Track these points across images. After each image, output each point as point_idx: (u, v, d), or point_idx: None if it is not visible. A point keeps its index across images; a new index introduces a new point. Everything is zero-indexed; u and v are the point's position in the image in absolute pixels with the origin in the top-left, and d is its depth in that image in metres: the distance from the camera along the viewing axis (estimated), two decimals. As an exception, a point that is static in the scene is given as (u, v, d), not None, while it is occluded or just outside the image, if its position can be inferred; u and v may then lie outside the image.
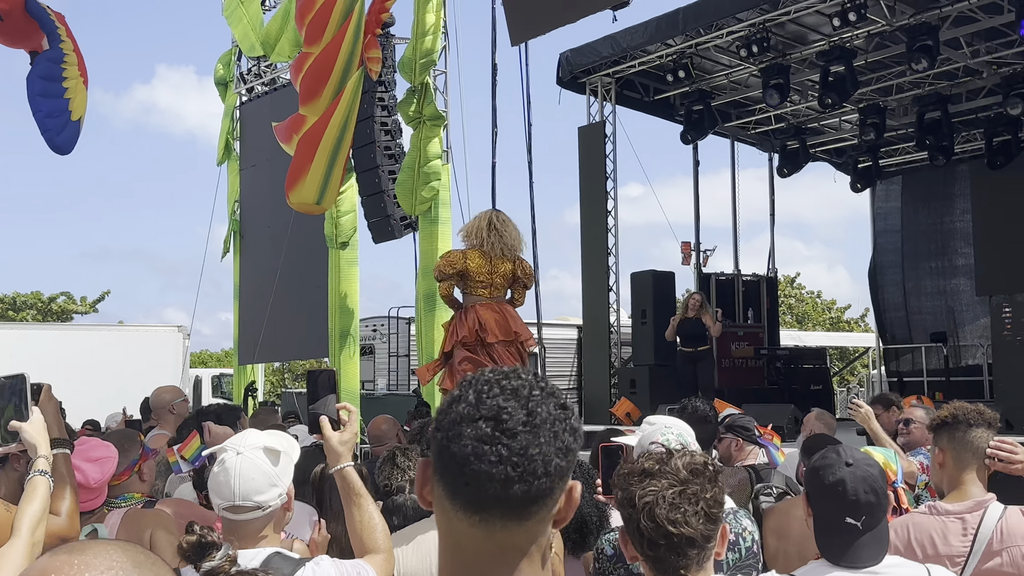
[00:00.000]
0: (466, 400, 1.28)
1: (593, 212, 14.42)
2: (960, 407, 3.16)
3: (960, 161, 16.94)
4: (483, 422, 1.25)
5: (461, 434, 1.25)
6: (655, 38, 13.63)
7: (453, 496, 1.26)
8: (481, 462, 1.23)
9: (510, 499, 1.24)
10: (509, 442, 1.24)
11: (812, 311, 43.31)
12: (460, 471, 1.24)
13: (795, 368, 15.94)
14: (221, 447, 2.49)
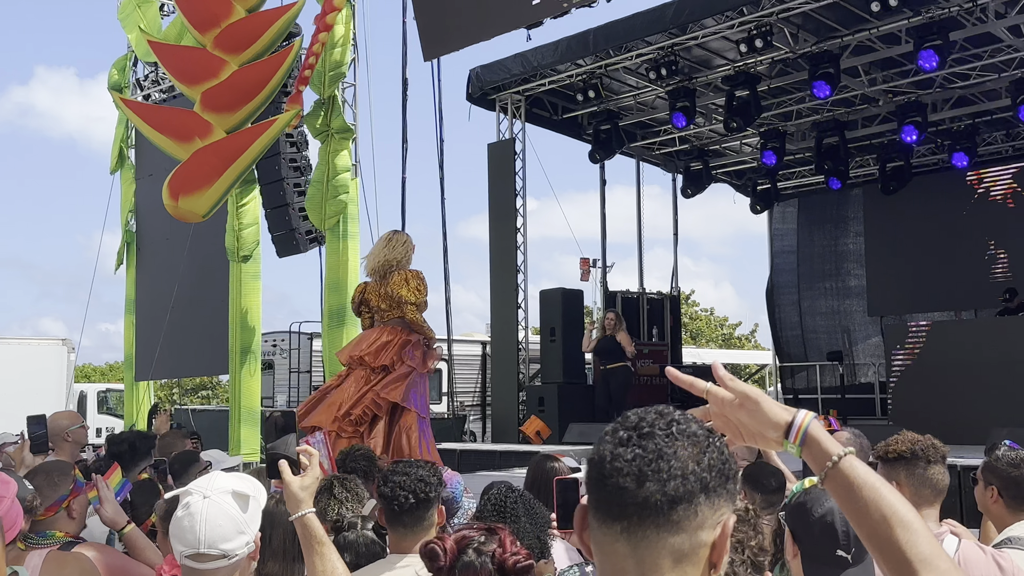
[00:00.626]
0: (616, 422, 1.34)
1: (502, 229, 14.39)
2: (916, 441, 3.13)
3: (854, 185, 17.53)
4: (623, 431, 1.30)
5: (603, 443, 1.30)
6: (565, 58, 13.71)
7: (596, 508, 1.29)
8: (616, 461, 1.27)
9: (646, 500, 1.25)
10: (644, 443, 1.28)
11: (706, 328, 44.28)
12: (599, 477, 1.28)
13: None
14: (186, 490, 2.30)
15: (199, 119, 10.18)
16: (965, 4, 11.29)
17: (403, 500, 2.88)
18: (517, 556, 2.03)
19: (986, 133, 15.73)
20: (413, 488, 2.90)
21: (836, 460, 1.51)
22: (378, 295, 7.17)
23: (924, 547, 1.45)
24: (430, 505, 2.94)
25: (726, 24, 12.46)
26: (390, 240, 7.31)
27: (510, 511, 3.32)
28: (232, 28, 10.14)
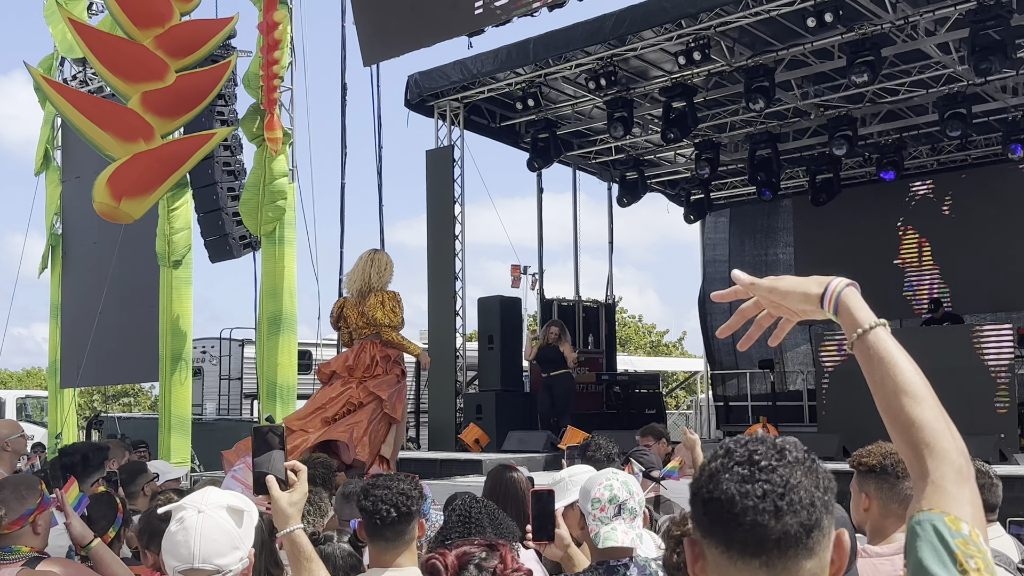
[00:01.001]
0: (718, 458, 1.33)
1: (440, 236, 14.35)
2: (887, 454, 3.16)
3: (785, 196, 17.87)
4: (738, 467, 1.30)
5: (720, 483, 1.29)
6: (505, 66, 13.74)
7: (729, 547, 1.28)
8: (747, 499, 1.27)
9: (786, 533, 1.27)
10: (769, 476, 1.28)
11: (634, 335, 44.70)
12: (731, 516, 1.27)
13: (631, 393, 16.35)
14: (179, 504, 2.24)
15: (142, 121, 9.98)
16: (897, 21, 11.61)
17: (385, 514, 2.84)
18: (518, 573, 2.01)
19: (913, 147, 16.19)
20: (395, 502, 2.87)
21: (863, 331, 1.61)
22: (357, 312, 7.44)
23: (929, 418, 1.55)
24: (412, 519, 2.91)
25: (664, 36, 12.62)
26: (372, 261, 7.53)
27: (475, 521, 3.31)
28: (176, 31, 9.98)
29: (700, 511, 1.32)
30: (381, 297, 7.43)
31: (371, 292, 7.43)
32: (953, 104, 13.10)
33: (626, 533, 2.76)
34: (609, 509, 2.80)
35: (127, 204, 10.35)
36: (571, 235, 17.79)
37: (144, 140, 10.00)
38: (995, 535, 3.55)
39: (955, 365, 11.63)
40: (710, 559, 1.31)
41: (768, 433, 1.38)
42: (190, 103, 10.14)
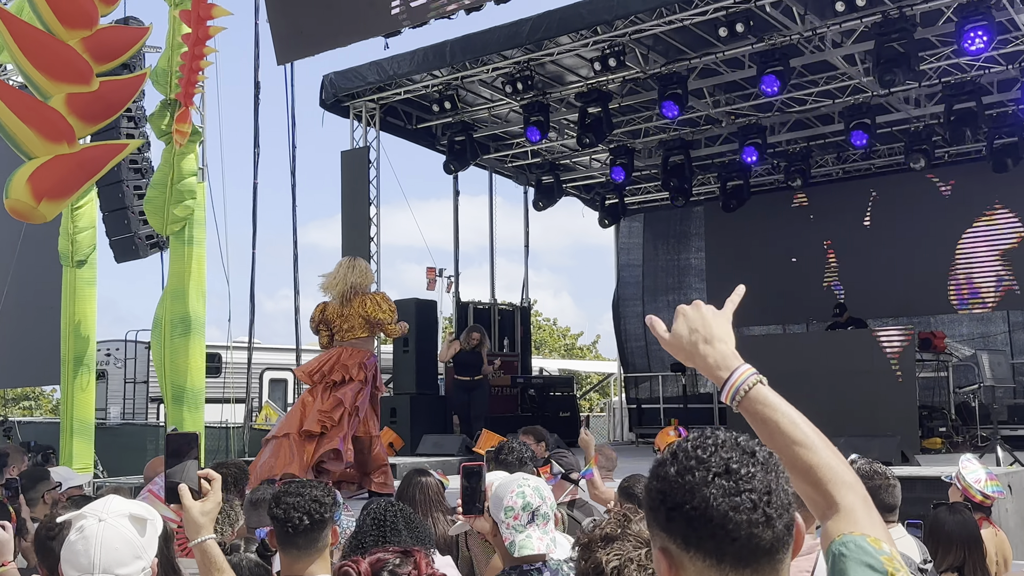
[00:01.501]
0: (690, 468, 1.31)
1: (355, 238, 14.20)
2: None
3: (697, 203, 18.18)
4: (718, 478, 1.30)
5: (706, 498, 1.29)
6: (422, 68, 13.68)
7: (721, 560, 1.29)
8: (740, 513, 1.28)
9: (777, 539, 1.30)
10: (751, 484, 1.30)
11: (548, 338, 44.95)
12: (724, 532, 1.27)
13: (546, 396, 16.43)
14: (80, 513, 2.15)
15: (66, 122, 9.84)
16: (805, 32, 11.90)
17: (297, 522, 2.79)
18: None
19: (819, 156, 16.62)
20: (308, 509, 2.81)
21: (745, 392, 1.68)
22: (340, 316, 7.85)
23: (825, 460, 1.58)
24: (325, 526, 2.86)
25: (580, 42, 12.72)
26: (353, 268, 7.97)
27: (390, 526, 3.27)
28: (102, 35, 9.83)
29: (683, 526, 1.30)
30: (376, 299, 7.94)
31: (355, 296, 7.81)
32: (858, 114, 13.50)
33: (541, 539, 2.75)
34: (523, 516, 2.78)
35: (46, 206, 10.26)
36: (487, 238, 17.84)
37: (67, 143, 9.89)
38: (897, 536, 3.63)
39: (859, 368, 11.98)
40: (692, 571, 1.31)
41: (722, 432, 1.40)
42: (110, 110, 10.15)
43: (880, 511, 3.64)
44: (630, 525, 1.90)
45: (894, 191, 16.64)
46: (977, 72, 12.87)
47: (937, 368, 13.67)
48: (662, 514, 1.33)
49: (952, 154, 15.83)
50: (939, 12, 11.39)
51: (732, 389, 1.67)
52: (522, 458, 4.42)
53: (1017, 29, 11.61)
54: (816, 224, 17.25)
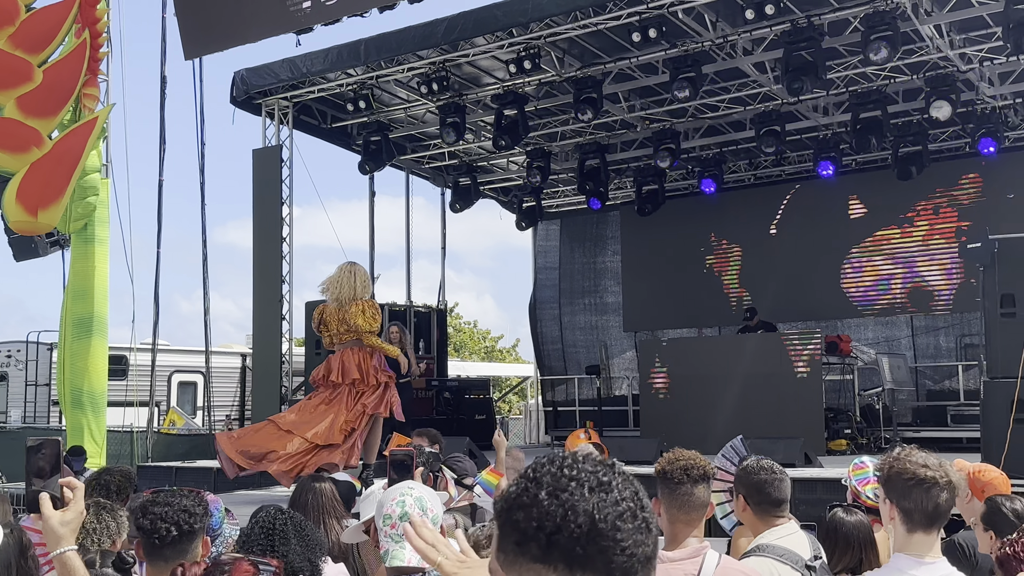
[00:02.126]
0: (565, 488, 1.26)
1: (267, 238, 13.96)
2: (672, 460, 3.20)
3: (613, 207, 18.31)
4: (595, 492, 1.25)
5: (591, 513, 1.24)
6: (336, 66, 13.49)
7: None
8: (625, 522, 1.25)
9: (655, 543, 1.28)
10: (625, 494, 1.27)
11: (469, 341, 44.87)
12: (615, 543, 1.23)
13: (462, 399, 16.36)
14: None
15: (26, 127, 9.64)
16: (717, 40, 12.06)
17: (164, 533, 2.67)
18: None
19: (732, 162, 16.88)
20: (176, 519, 2.70)
21: None
22: (337, 319, 8.18)
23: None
24: (194, 537, 2.75)
25: (496, 44, 12.69)
26: (354, 273, 8.26)
27: (279, 534, 3.18)
28: (27, 26, 9.56)
29: (566, 550, 1.23)
30: (362, 306, 8.14)
31: (352, 301, 8.10)
32: (768, 121, 13.74)
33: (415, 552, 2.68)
34: (399, 526, 2.69)
35: (44, 215, 10.39)
36: (404, 239, 17.68)
37: (36, 147, 9.70)
38: (789, 532, 3.63)
39: (768, 371, 12.20)
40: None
41: (565, 452, 1.37)
42: (63, 95, 9.99)
43: (767, 505, 3.66)
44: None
45: (803, 197, 16.99)
46: (883, 82, 13.20)
47: (843, 371, 13.98)
48: (538, 543, 1.23)
49: (859, 162, 16.23)
50: (846, 22, 11.65)
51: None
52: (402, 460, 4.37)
53: (921, 40, 11.94)
54: (729, 229, 17.51)
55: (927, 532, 2.80)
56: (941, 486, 2.78)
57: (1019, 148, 14.98)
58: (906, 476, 2.82)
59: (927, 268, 15.76)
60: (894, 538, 2.89)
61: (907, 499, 2.81)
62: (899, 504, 2.83)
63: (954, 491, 2.78)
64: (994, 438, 8.39)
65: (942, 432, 13.61)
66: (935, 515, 2.79)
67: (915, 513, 2.79)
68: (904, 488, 2.81)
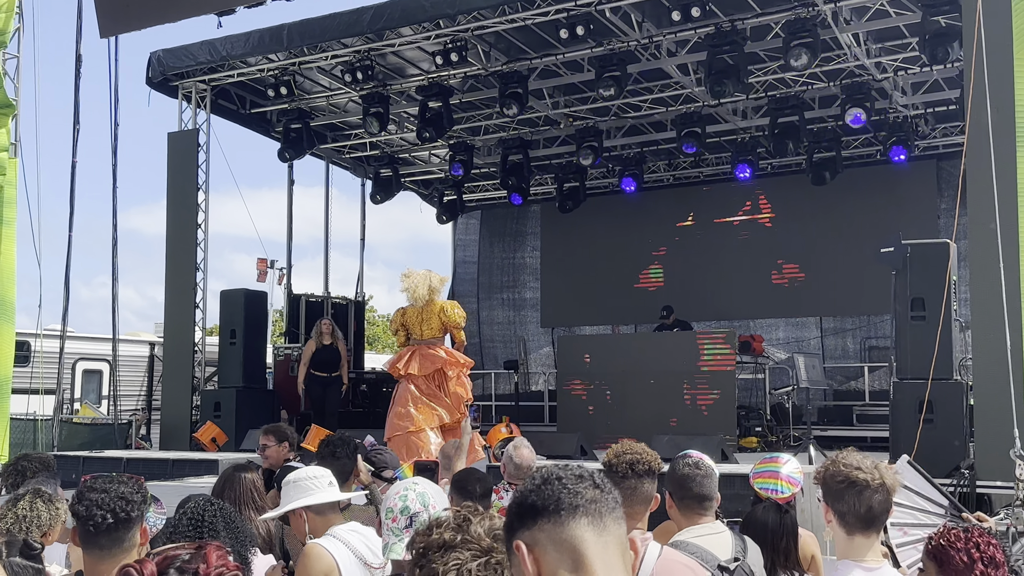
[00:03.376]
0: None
1: (181, 224, 13.60)
2: (618, 453, 3.20)
3: (534, 202, 18.37)
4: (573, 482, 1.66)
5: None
6: (257, 50, 13.22)
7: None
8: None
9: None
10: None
11: (383, 334, 44.57)
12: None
13: (378, 392, 16.22)
14: None
15: None
16: (642, 40, 12.17)
17: (100, 520, 2.59)
18: (221, 569, 1.87)
19: (652, 161, 17.08)
20: (112, 507, 2.62)
21: None
22: (419, 319, 9.13)
23: None
24: (131, 525, 2.66)
25: (422, 35, 12.59)
26: (430, 278, 9.23)
27: (208, 525, 3.10)
28: None
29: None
30: (452, 305, 9.35)
31: (432, 302, 9.12)
32: (689, 123, 13.93)
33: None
34: (400, 520, 2.79)
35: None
36: (322, 230, 17.44)
37: None
38: (717, 531, 3.63)
39: (683, 369, 12.35)
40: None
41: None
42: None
43: (690, 500, 3.65)
44: (469, 529, 1.80)
45: (720, 199, 17.29)
46: (801, 88, 13.50)
47: (755, 370, 14.27)
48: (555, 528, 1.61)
49: (775, 166, 16.58)
50: (768, 27, 11.87)
51: None
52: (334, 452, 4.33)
53: (839, 48, 12.24)
54: (648, 228, 17.71)
55: (865, 535, 2.84)
56: (874, 488, 2.81)
57: (929, 156, 15.51)
58: (839, 479, 2.85)
59: (837, 271, 16.15)
60: (835, 542, 2.93)
61: (841, 502, 2.84)
62: (834, 507, 2.86)
63: (888, 493, 2.81)
64: (902, 437, 8.65)
65: (848, 431, 13.98)
66: (869, 517, 2.82)
67: (848, 515, 2.82)
68: (837, 491, 2.85)
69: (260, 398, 13.33)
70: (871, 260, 12.08)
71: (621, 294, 17.54)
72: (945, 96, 13.57)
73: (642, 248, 17.75)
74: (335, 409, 12.94)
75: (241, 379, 13.04)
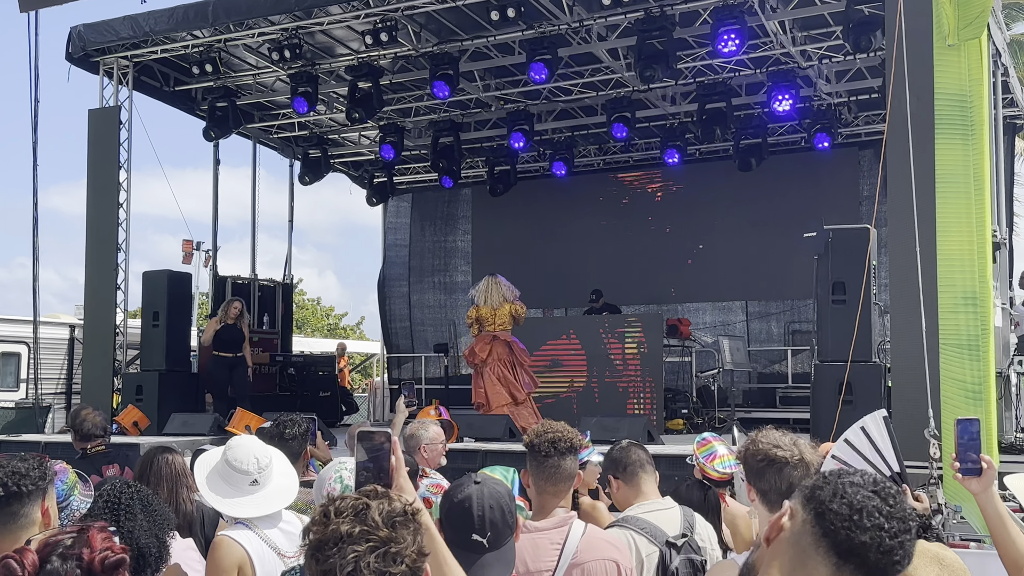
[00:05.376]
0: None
1: (101, 203, 13.26)
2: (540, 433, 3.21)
3: (465, 185, 18.31)
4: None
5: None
6: (181, 26, 12.89)
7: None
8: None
9: None
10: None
11: (311, 317, 44.13)
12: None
13: (306, 375, 16.07)
14: None
15: None
16: (573, 23, 12.19)
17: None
18: (106, 552, 1.83)
19: (582, 146, 17.15)
20: (3, 480, 2.59)
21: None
22: (491, 315, 10.93)
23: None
24: (24, 501, 2.64)
25: (352, 13, 12.40)
26: (498, 283, 11.10)
27: (125, 509, 3.03)
28: None
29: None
30: (517, 306, 11.08)
31: (504, 302, 10.94)
32: (619, 108, 14.00)
33: None
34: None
35: None
36: (249, 211, 17.17)
37: None
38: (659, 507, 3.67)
39: (611, 352, 12.47)
40: None
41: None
42: None
43: (633, 467, 3.67)
44: (367, 518, 1.74)
45: (648, 183, 17.45)
46: (728, 74, 13.66)
47: (682, 353, 14.46)
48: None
49: (703, 151, 16.77)
50: (696, 14, 11.97)
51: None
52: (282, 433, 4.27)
53: (766, 35, 12.40)
54: (578, 212, 17.79)
55: None
56: (793, 465, 2.78)
57: (851, 144, 15.83)
58: (759, 457, 2.84)
59: (763, 256, 16.41)
60: (759, 520, 2.94)
61: (761, 480, 2.81)
62: (756, 485, 2.83)
63: (808, 469, 2.80)
64: (823, 418, 8.85)
65: (771, 413, 14.24)
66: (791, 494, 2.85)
67: (771, 493, 2.79)
68: (758, 469, 2.82)
69: (184, 381, 13.10)
70: (796, 245, 12.32)
71: (551, 278, 17.59)
72: (868, 84, 13.85)
73: (572, 232, 17.81)
74: (244, 392, 12.71)
75: (164, 362, 12.79)
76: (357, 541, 1.68)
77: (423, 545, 1.76)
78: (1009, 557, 2.65)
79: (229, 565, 3.25)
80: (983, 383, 7.41)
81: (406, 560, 1.70)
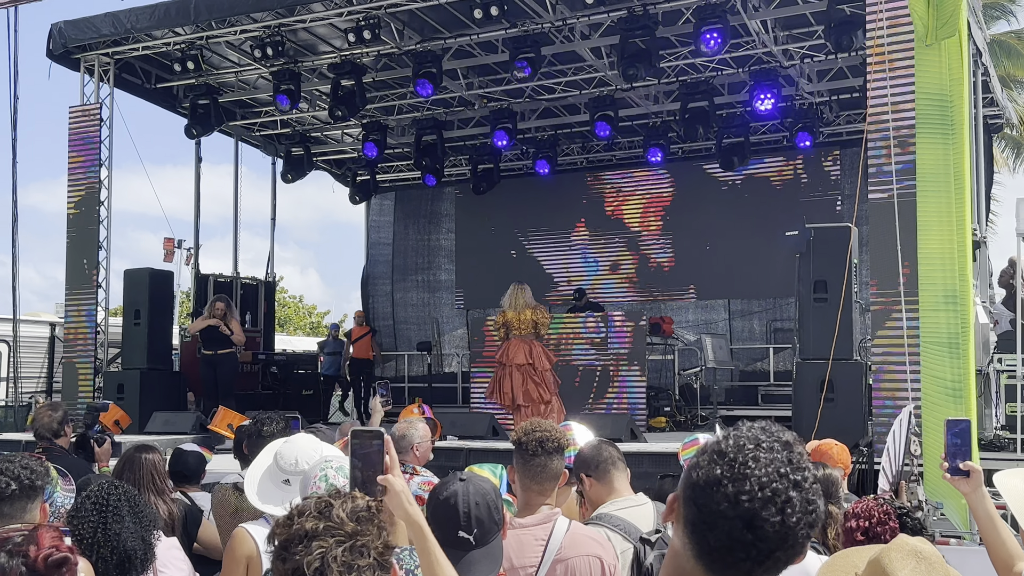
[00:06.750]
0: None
1: (82, 201, 13.18)
2: (527, 431, 3.22)
3: (448, 184, 18.30)
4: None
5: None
6: (163, 23, 12.84)
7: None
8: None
9: None
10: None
11: (294, 315, 44.00)
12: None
13: (289, 374, 16.04)
14: None
15: None
16: (556, 22, 12.19)
17: (3, 486, 2.60)
18: (51, 551, 1.84)
19: (565, 144, 17.16)
20: (17, 474, 2.63)
21: None
22: (517, 321, 10.80)
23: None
24: (35, 495, 2.69)
25: (335, 11, 12.37)
26: (524, 290, 10.97)
27: (112, 510, 3.01)
28: None
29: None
30: (542, 311, 11.03)
31: (528, 308, 10.80)
32: (602, 106, 14.03)
33: None
34: None
35: None
36: (231, 209, 17.09)
37: None
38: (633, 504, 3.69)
39: (595, 350, 12.49)
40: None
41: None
42: None
43: (605, 464, 3.69)
44: (331, 514, 1.74)
45: (633, 182, 17.48)
46: (711, 73, 13.71)
47: (665, 351, 14.50)
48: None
49: (686, 150, 16.82)
50: (679, 12, 12.00)
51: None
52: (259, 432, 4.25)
53: (748, 34, 12.45)
54: (562, 210, 17.81)
55: None
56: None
57: (832, 143, 15.91)
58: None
59: (744, 254, 16.46)
60: None
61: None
62: None
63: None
64: (804, 415, 8.90)
65: (753, 411, 14.31)
66: None
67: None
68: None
69: (165, 380, 13.05)
70: (778, 244, 12.37)
71: (535, 276, 17.57)
72: (849, 84, 13.93)
73: (555, 230, 17.84)
74: (229, 390, 12.69)
75: (145, 361, 12.74)
76: (322, 536, 1.70)
77: (389, 539, 1.78)
78: (999, 558, 2.67)
79: (240, 556, 3.39)
80: (963, 381, 7.47)
81: (373, 553, 1.71)
